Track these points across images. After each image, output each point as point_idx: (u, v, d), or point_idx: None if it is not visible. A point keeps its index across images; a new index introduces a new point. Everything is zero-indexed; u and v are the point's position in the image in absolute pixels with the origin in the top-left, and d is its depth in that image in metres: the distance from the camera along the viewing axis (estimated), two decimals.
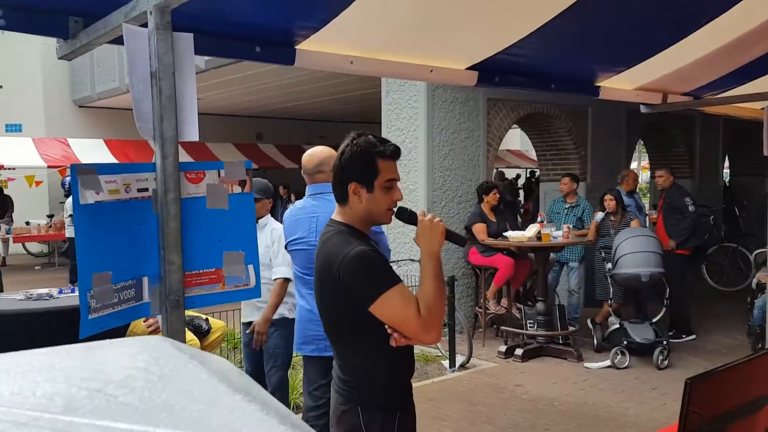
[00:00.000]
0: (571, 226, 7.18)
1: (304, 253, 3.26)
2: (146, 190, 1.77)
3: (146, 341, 0.78)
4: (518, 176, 19.89)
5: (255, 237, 2.01)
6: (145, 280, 1.79)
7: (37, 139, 13.74)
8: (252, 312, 4.21)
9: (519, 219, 11.51)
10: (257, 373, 4.34)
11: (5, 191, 14.15)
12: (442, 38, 3.00)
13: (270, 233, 4.14)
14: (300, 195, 4.34)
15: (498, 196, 7.40)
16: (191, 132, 1.75)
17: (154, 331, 4.25)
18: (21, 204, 14.25)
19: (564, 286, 7.91)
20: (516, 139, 20.36)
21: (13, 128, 15.51)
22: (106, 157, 13.45)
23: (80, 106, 15.91)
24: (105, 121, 15.45)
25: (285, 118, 17.88)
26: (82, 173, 1.61)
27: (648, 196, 13.66)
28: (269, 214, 4.21)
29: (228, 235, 1.92)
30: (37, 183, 12.95)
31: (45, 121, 15.65)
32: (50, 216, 13.96)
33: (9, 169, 12.92)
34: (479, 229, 7.13)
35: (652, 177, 11.56)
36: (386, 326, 2.03)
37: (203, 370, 0.68)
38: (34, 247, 14.92)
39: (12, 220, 14.14)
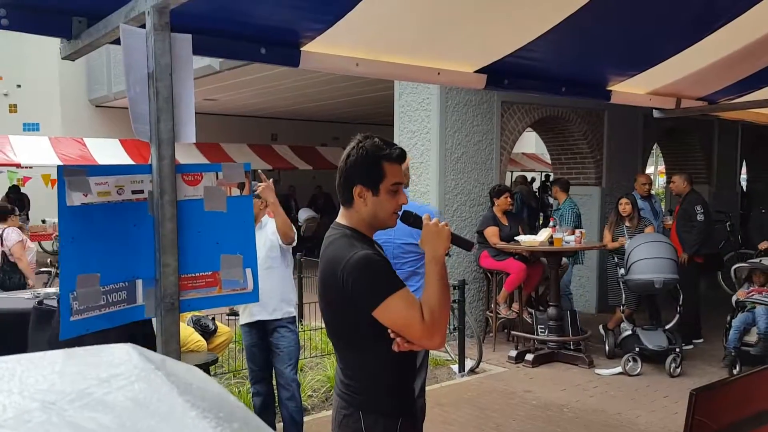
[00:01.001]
0: (584, 231, 7.11)
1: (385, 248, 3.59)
2: (141, 192, 1.76)
3: (116, 350, 0.76)
4: (533, 180, 19.72)
5: (254, 240, 1.99)
6: (139, 282, 1.77)
7: (54, 138, 13.85)
8: (253, 312, 4.19)
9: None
10: (263, 373, 4.33)
11: (22, 190, 14.31)
12: (450, 40, 2.97)
13: (272, 227, 4.18)
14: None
15: (509, 200, 7.34)
16: (188, 133, 1.73)
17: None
18: (37, 202, 14.40)
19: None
20: (531, 142, 20.25)
21: (31, 127, 15.69)
22: (121, 157, 13.54)
23: (97, 106, 16.05)
24: (121, 120, 15.54)
25: (300, 119, 17.91)
26: (69, 175, 1.60)
27: (665, 201, 13.51)
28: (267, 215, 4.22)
29: (226, 238, 1.90)
30: (53, 182, 13.08)
31: (62, 120, 15.80)
32: None
33: (26, 167, 13.06)
34: (491, 233, 7.08)
35: (668, 182, 11.44)
36: (389, 331, 2.01)
37: (166, 381, 0.65)
38: (50, 245, 15.06)
39: (28, 219, 14.28)
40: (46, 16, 2.14)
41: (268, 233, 4.14)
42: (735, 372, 5.98)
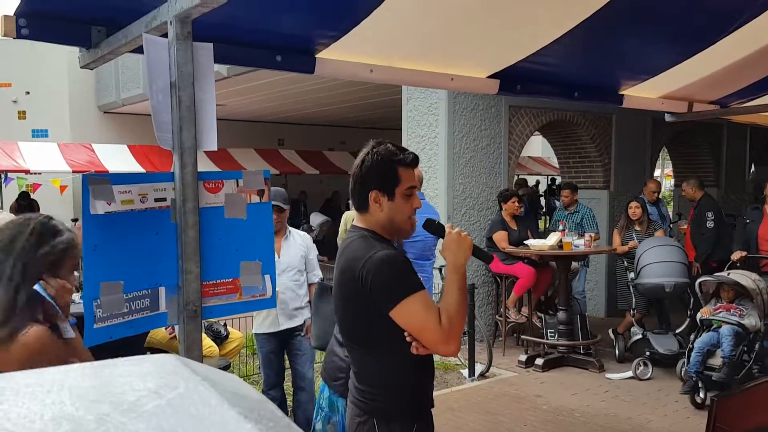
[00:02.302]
0: (593, 234, 7.10)
1: (421, 243, 4.04)
2: (164, 200, 1.77)
3: (159, 360, 0.77)
4: (538, 183, 19.67)
5: (272, 247, 2.00)
6: (162, 290, 1.78)
7: (63, 144, 13.93)
8: (280, 322, 4.19)
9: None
10: (278, 378, 4.34)
11: (32, 196, 14.37)
12: (463, 46, 2.98)
13: (302, 239, 4.30)
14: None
15: (517, 204, 7.34)
16: (210, 142, 1.75)
17: (175, 338, 4.28)
18: (46, 208, 14.45)
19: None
20: (537, 146, 20.23)
21: (40, 134, 15.76)
22: (130, 163, 13.59)
23: (105, 112, 16.12)
24: (129, 126, 15.63)
25: (306, 123, 17.94)
26: (93, 183, 1.61)
27: (672, 204, 13.47)
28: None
29: (245, 244, 1.91)
30: (62, 188, 13.11)
31: (70, 126, 15.87)
32: (74, 220, 14.14)
33: (35, 174, 13.12)
34: (500, 237, 7.08)
35: (677, 185, 11.41)
36: (406, 334, 2.01)
37: (214, 394, 0.66)
38: None
39: None
40: (66, 25, 2.16)
41: (297, 242, 4.23)
42: (698, 400, 5.25)
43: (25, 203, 14.49)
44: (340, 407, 2.69)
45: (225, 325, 4.81)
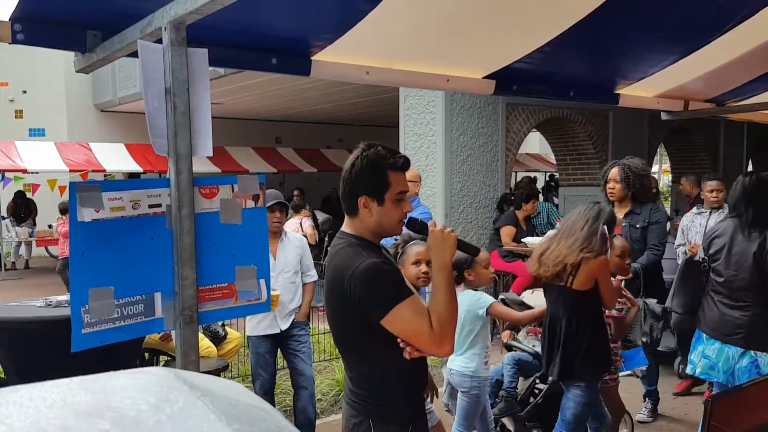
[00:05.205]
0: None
1: None
2: (159, 206, 1.77)
3: (158, 374, 0.77)
4: (535, 179, 19.62)
5: (267, 251, 2.00)
6: (158, 295, 1.78)
7: (60, 143, 13.91)
8: (277, 324, 4.19)
9: None
10: (272, 380, 4.34)
11: (28, 196, 14.37)
12: (459, 47, 2.98)
13: (298, 241, 4.33)
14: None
15: (536, 205, 7.36)
16: (205, 147, 1.75)
17: (165, 338, 4.29)
18: (44, 208, 14.45)
19: None
20: (535, 142, 20.23)
21: (37, 133, 15.74)
22: (127, 161, 13.58)
23: (102, 111, 16.09)
24: (126, 125, 15.60)
25: (304, 121, 17.93)
26: (81, 191, 1.61)
27: (669, 200, 13.49)
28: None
29: (241, 249, 1.91)
30: (61, 188, 13.09)
31: (67, 125, 15.84)
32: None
33: (32, 173, 13.11)
34: (507, 233, 7.10)
35: (674, 182, 11.43)
36: (399, 340, 2.01)
37: (213, 409, 0.67)
38: (57, 250, 15.12)
39: (35, 224, 14.35)
40: (61, 30, 2.15)
41: (293, 244, 4.25)
42: None
43: (21, 202, 14.50)
44: (731, 355, 3.17)
45: (223, 325, 4.81)
